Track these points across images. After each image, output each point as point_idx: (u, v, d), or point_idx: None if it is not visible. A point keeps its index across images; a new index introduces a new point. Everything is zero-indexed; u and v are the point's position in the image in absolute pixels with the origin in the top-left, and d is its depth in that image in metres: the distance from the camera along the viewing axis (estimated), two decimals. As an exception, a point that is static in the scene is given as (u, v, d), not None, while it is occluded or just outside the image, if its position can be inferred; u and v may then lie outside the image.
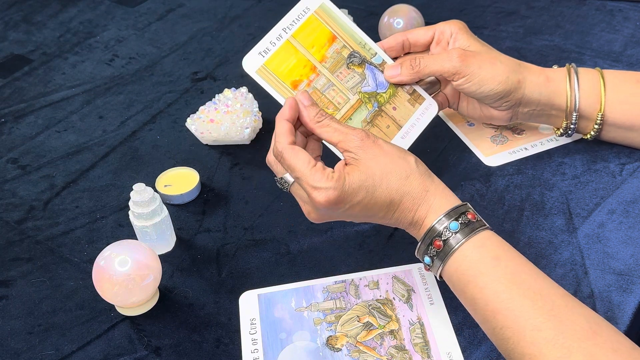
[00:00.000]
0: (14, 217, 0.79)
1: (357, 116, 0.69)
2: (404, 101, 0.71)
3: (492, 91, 0.71)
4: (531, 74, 0.72)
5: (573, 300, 0.54)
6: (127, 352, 0.64)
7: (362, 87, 0.70)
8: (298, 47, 0.68)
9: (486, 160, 0.80)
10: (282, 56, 0.68)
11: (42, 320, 0.67)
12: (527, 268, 0.56)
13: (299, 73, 0.68)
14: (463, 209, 0.59)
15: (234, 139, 0.85)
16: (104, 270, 0.63)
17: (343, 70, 0.70)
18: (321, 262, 0.70)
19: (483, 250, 0.57)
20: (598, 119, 0.73)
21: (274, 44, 0.68)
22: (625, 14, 1.03)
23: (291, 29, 0.68)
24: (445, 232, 0.58)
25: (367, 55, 0.71)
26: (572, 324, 0.51)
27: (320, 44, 0.69)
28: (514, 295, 0.54)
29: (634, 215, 0.71)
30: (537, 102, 0.73)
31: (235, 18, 1.12)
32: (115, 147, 0.88)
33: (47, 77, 1.03)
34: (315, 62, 0.69)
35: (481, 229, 0.58)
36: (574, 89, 0.72)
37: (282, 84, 0.67)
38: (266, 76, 0.67)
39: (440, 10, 1.09)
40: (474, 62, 0.70)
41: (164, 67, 1.03)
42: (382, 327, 0.63)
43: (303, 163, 0.59)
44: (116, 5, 1.20)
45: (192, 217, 0.77)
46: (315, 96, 0.67)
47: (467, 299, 0.57)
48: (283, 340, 0.63)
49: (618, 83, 0.72)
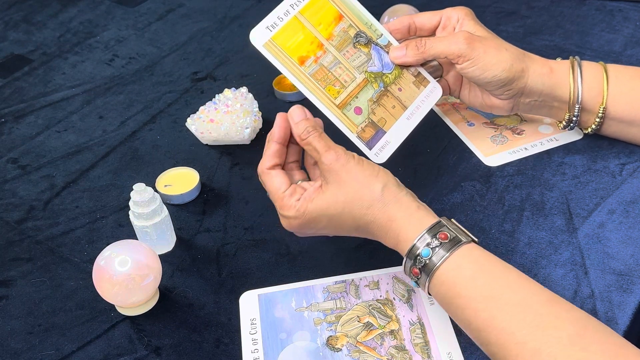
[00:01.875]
0: (14, 217, 0.79)
1: (363, 95, 0.69)
2: (409, 83, 0.71)
3: (495, 77, 0.71)
4: (535, 64, 0.72)
5: (558, 305, 0.53)
6: (127, 352, 0.64)
7: (368, 67, 0.70)
8: (305, 23, 0.68)
9: (486, 160, 0.80)
10: (290, 32, 0.67)
11: (42, 320, 0.67)
12: (505, 281, 0.55)
13: (306, 49, 0.67)
14: (435, 229, 0.58)
15: (234, 139, 0.85)
16: (104, 270, 0.63)
17: (350, 49, 0.70)
18: (321, 262, 0.70)
19: (458, 272, 0.56)
20: (600, 112, 0.73)
21: (282, 19, 0.67)
22: (625, 14, 1.03)
23: (299, 5, 0.68)
24: (419, 260, 0.58)
25: (373, 35, 0.71)
26: (557, 331, 0.51)
27: (327, 21, 0.69)
28: (494, 313, 0.53)
29: (634, 215, 0.71)
30: (540, 93, 0.73)
31: (235, 18, 1.12)
32: (116, 147, 0.88)
33: (47, 77, 1.03)
34: (322, 40, 0.68)
35: (455, 247, 0.56)
36: (577, 81, 0.72)
37: (290, 59, 0.66)
38: (273, 50, 0.66)
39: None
40: (480, 47, 0.70)
41: (164, 67, 1.03)
42: (382, 327, 0.63)
43: (275, 189, 0.63)
44: (116, 5, 1.20)
45: (192, 217, 0.77)
46: (322, 73, 0.67)
47: (453, 317, 0.58)
48: (283, 340, 0.63)
49: (621, 77, 0.72)
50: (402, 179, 0.64)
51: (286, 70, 0.66)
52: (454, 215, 0.73)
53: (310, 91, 0.66)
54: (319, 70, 0.67)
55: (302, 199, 0.62)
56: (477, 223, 0.72)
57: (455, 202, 0.75)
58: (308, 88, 0.66)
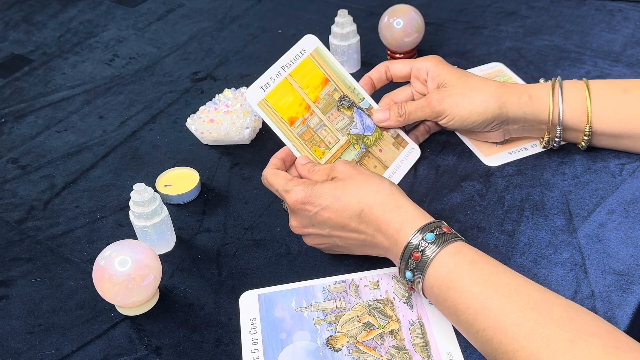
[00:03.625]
0: (14, 217, 0.79)
1: (346, 156, 0.74)
2: (389, 144, 0.76)
3: (474, 123, 0.74)
4: (512, 95, 0.74)
5: (549, 293, 0.55)
6: (127, 352, 0.64)
7: (350, 129, 0.75)
8: (295, 85, 0.72)
9: (486, 160, 0.80)
10: (281, 93, 0.72)
11: (42, 320, 0.67)
12: (502, 270, 0.58)
13: (295, 110, 0.72)
14: (438, 224, 0.61)
15: (234, 139, 0.85)
16: (104, 270, 0.63)
17: (334, 112, 0.74)
18: (321, 262, 0.70)
19: (459, 257, 0.58)
20: (586, 130, 0.74)
21: (274, 80, 0.72)
22: (625, 14, 1.03)
23: (289, 67, 0.73)
24: (421, 244, 0.59)
25: (355, 99, 0.76)
26: (549, 313, 0.53)
27: (314, 85, 0.74)
28: (492, 295, 0.55)
29: (634, 215, 0.71)
30: (524, 120, 0.75)
31: (235, 18, 1.12)
32: (116, 147, 0.88)
33: (47, 77, 1.03)
34: (310, 102, 0.73)
35: (456, 239, 0.60)
36: (557, 104, 0.73)
37: (281, 119, 0.71)
38: (266, 109, 0.71)
39: (440, 10, 1.09)
40: (451, 102, 0.74)
41: (164, 67, 1.03)
42: (382, 327, 0.63)
43: (280, 179, 0.67)
44: (116, 5, 1.20)
45: (192, 217, 0.77)
46: (308, 134, 0.72)
47: (449, 307, 0.58)
48: (283, 340, 0.63)
49: (604, 93, 0.73)
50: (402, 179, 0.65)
51: (278, 130, 0.71)
52: (454, 215, 0.73)
53: (298, 151, 0.71)
54: (306, 132, 0.72)
55: (312, 180, 0.67)
56: (477, 223, 0.72)
57: (455, 202, 0.75)
58: (297, 148, 0.71)
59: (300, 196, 0.64)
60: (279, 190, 0.67)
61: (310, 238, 0.68)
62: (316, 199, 0.64)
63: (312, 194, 0.64)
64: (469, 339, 0.58)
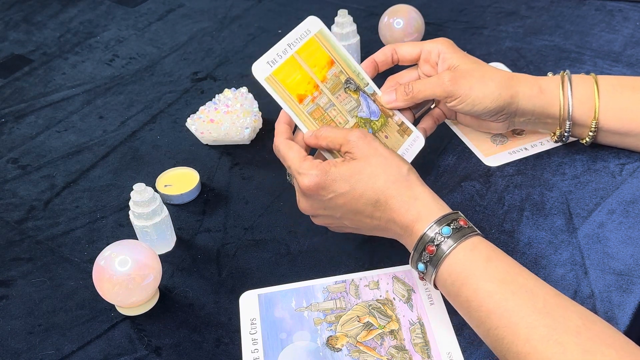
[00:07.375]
0: (14, 217, 0.79)
1: None
2: (394, 131, 0.73)
3: (485, 109, 0.72)
4: (524, 86, 0.73)
5: (564, 299, 0.54)
6: (127, 352, 0.64)
7: (358, 112, 0.72)
8: (302, 63, 0.70)
9: (486, 160, 0.80)
10: (288, 69, 0.69)
11: (43, 320, 0.67)
12: (518, 269, 0.57)
13: (304, 88, 0.69)
14: (455, 216, 0.59)
15: (234, 139, 0.85)
16: (104, 270, 0.63)
17: (341, 93, 0.72)
18: (321, 262, 0.70)
19: (475, 253, 0.57)
20: (592, 126, 0.73)
21: (280, 56, 0.69)
22: (625, 14, 1.03)
23: (295, 45, 0.70)
24: (437, 237, 0.58)
25: (360, 83, 0.73)
26: (565, 320, 0.52)
27: (321, 65, 0.71)
28: (507, 295, 0.54)
29: (634, 215, 0.71)
30: (532, 113, 0.74)
31: (235, 18, 1.12)
32: (116, 147, 0.88)
33: (48, 77, 1.03)
34: (318, 81, 0.70)
35: (473, 234, 0.59)
36: (567, 98, 0.72)
37: (289, 96, 0.68)
38: (274, 85, 0.68)
39: (440, 10, 1.09)
40: (465, 84, 0.71)
41: (164, 67, 1.03)
42: (382, 327, 0.63)
43: (294, 154, 0.64)
44: (116, 5, 1.20)
45: (192, 217, 0.77)
46: (318, 113, 0.69)
47: (461, 302, 0.58)
48: (283, 340, 0.63)
49: (612, 90, 0.72)
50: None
51: (286, 106, 0.68)
52: (454, 215, 0.73)
53: (308, 129, 0.68)
54: (316, 110, 0.69)
55: (326, 162, 0.63)
56: (477, 223, 0.72)
57: (455, 202, 0.75)
58: (306, 126, 0.68)
59: (314, 181, 0.62)
60: (291, 168, 0.64)
61: (319, 219, 0.67)
62: (330, 185, 0.62)
63: (327, 180, 0.62)
64: (479, 333, 0.57)
